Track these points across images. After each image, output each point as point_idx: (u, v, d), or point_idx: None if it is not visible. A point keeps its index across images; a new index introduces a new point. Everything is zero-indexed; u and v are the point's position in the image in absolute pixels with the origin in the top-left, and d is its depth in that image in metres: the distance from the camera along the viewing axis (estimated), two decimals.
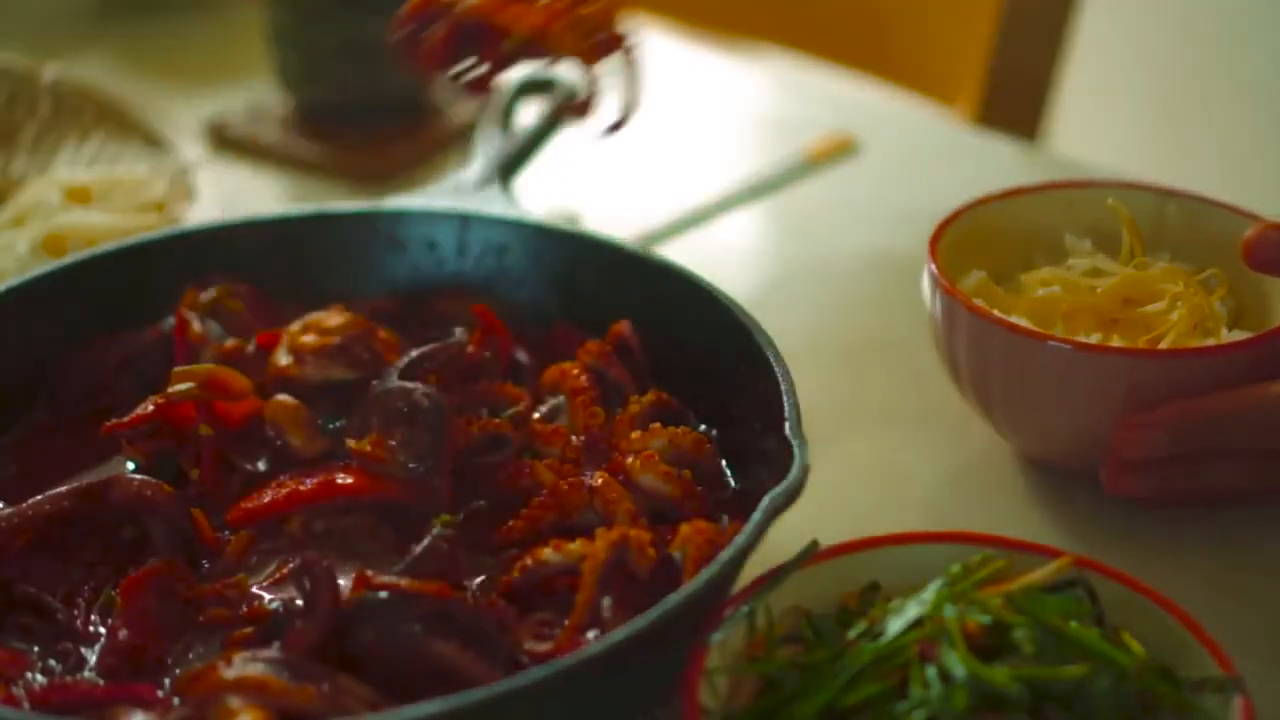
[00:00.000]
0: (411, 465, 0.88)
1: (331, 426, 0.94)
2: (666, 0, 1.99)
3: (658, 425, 0.90)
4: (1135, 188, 1.04)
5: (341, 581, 0.78)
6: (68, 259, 1.03)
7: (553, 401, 0.96)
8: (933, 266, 0.96)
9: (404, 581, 0.76)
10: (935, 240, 0.98)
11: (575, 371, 0.95)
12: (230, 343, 0.98)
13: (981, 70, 1.71)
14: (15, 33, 1.77)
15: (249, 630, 0.78)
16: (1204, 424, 0.87)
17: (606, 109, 1.12)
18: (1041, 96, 1.70)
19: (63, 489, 0.86)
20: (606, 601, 0.76)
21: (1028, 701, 0.67)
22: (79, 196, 1.24)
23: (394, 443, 0.89)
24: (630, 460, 0.87)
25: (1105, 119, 2.56)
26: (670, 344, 0.97)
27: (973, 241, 1.01)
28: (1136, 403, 0.88)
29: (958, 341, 0.95)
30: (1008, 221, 1.03)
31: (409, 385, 0.90)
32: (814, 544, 0.78)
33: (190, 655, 0.79)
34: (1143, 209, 1.02)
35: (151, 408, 0.92)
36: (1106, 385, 0.89)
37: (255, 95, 1.55)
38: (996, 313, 0.93)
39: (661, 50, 1.75)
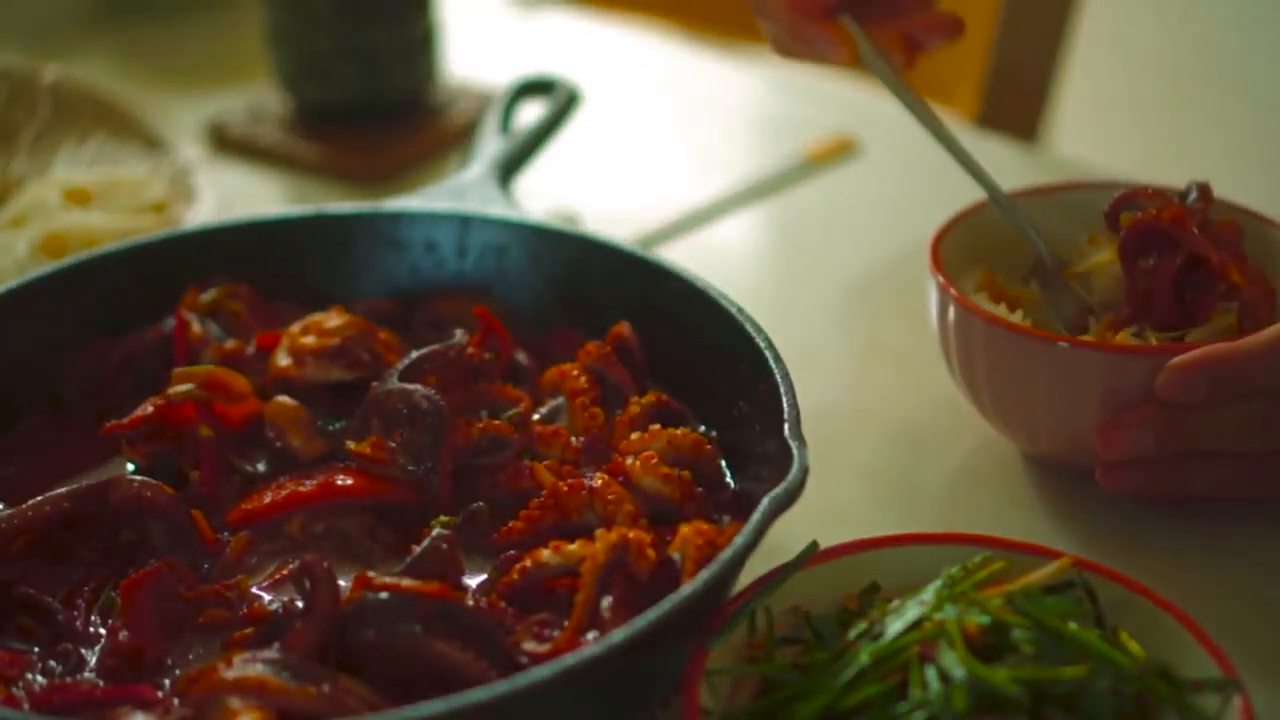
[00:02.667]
0: (411, 467, 0.88)
1: (331, 428, 0.94)
2: (666, 1, 1.99)
3: (657, 426, 0.90)
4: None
5: (341, 582, 0.78)
6: (67, 260, 1.03)
7: (552, 403, 0.96)
8: (931, 263, 0.96)
9: (404, 582, 0.76)
10: (939, 238, 0.99)
11: (575, 373, 0.95)
12: (230, 344, 0.98)
13: (981, 71, 1.71)
14: (15, 33, 1.77)
15: (249, 631, 0.79)
16: (1184, 425, 0.87)
17: None
18: (1041, 97, 1.70)
19: (63, 490, 0.86)
20: (606, 602, 0.76)
21: (1027, 702, 0.67)
22: (78, 197, 1.24)
23: (394, 444, 0.89)
24: (630, 461, 0.87)
25: (1104, 119, 2.56)
26: (670, 345, 0.97)
27: (978, 242, 1.02)
28: (1115, 401, 0.88)
29: (949, 333, 0.96)
30: (1002, 227, 1.03)
31: (409, 387, 0.90)
32: (814, 545, 0.78)
33: (190, 656, 0.79)
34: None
35: (151, 409, 0.92)
36: (1082, 381, 0.89)
37: (255, 96, 1.55)
38: (987, 307, 0.94)
39: (662, 51, 1.76)
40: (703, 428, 0.94)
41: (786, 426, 0.81)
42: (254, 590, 0.83)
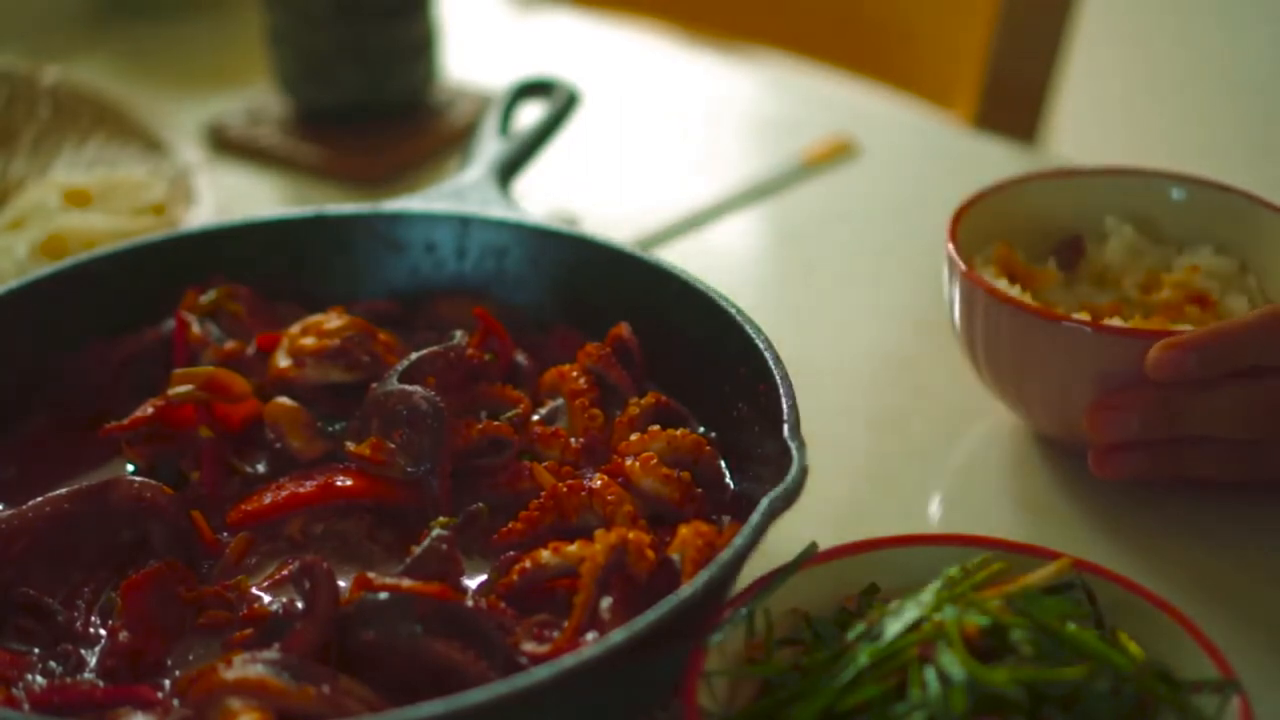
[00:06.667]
0: (410, 468, 0.88)
1: (331, 429, 0.94)
2: (666, 2, 1.99)
3: (657, 427, 0.90)
4: (1168, 178, 1.05)
5: (341, 583, 0.78)
6: (67, 262, 1.03)
7: (552, 404, 0.96)
8: (949, 232, 0.97)
9: (404, 583, 0.76)
10: (961, 212, 1.00)
11: (574, 374, 0.95)
12: (230, 345, 0.98)
13: (980, 73, 1.71)
14: (15, 35, 1.77)
15: (249, 631, 0.79)
16: (1171, 410, 0.87)
17: None
18: (1039, 99, 1.70)
19: (63, 491, 0.86)
20: (605, 603, 0.76)
21: (1026, 703, 0.67)
22: (78, 199, 1.24)
23: (393, 445, 0.89)
24: (629, 462, 0.87)
25: (1102, 122, 2.57)
26: (670, 346, 0.97)
27: (1003, 220, 1.03)
28: (1108, 383, 0.89)
29: (955, 303, 0.97)
30: (1026, 207, 1.05)
31: (408, 388, 0.90)
32: (813, 546, 0.78)
33: (190, 656, 0.79)
34: (1168, 199, 1.04)
35: (151, 410, 0.92)
36: (1075, 361, 0.90)
37: (254, 98, 1.55)
38: (992, 280, 0.95)
39: (661, 53, 1.76)
40: (702, 429, 0.95)
41: (786, 427, 0.81)
42: (254, 591, 0.83)
